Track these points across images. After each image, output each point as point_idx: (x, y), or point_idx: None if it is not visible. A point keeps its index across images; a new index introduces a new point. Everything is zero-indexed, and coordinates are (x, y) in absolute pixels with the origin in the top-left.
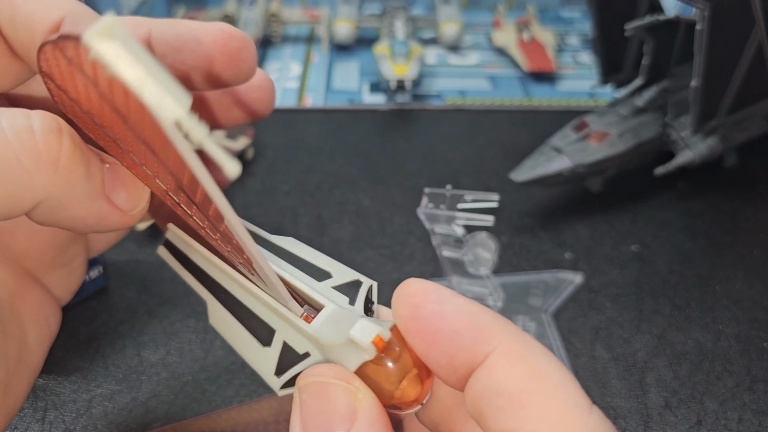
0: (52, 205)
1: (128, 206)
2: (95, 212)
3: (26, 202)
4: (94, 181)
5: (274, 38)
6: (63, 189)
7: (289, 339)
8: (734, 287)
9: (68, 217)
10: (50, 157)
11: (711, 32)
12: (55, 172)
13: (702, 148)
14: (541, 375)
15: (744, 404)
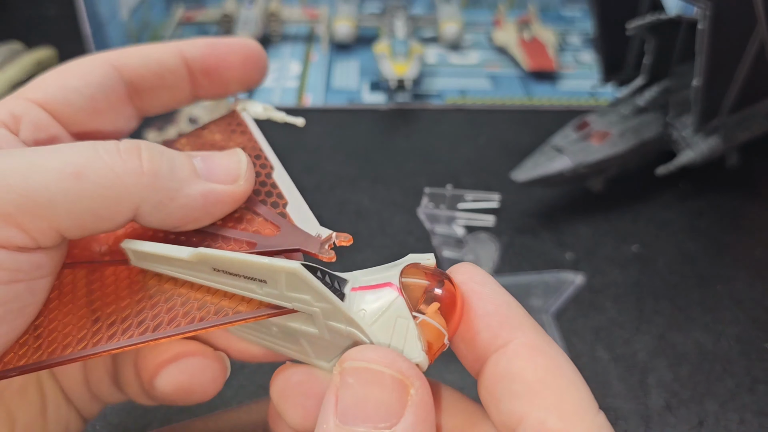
0: (153, 204)
1: (229, 179)
2: (198, 195)
3: (126, 206)
4: (183, 170)
5: (274, 37)
6: (154, 186)
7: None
8: (735, 287)
9: (175, 208)
10: (134, 165)
11: (713, 31)
12: (141, 175)
13: (703, 147)
14: (558, 371)
15: (745, 405)
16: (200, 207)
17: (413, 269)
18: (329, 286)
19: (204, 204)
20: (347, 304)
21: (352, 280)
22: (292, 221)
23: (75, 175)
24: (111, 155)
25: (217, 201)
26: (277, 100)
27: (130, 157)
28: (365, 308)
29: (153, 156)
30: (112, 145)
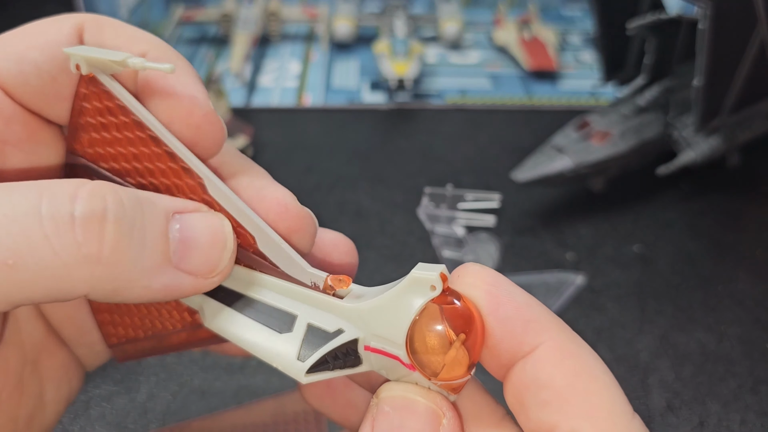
0: (105, 292)
1: (204, 269)
2: (160, 287)
3: (70, 295)
4: (152, 259)
5: (273, 37)
6: (111, 277)
7: (314, 320)
8: (737, 287)
9: (129, 297)
10: (90, 250)
11: (713, 31)
12: (98, 263)
13: (704, 147)
14: (588, 374)
15: (747, 406)
16: (158, 298)
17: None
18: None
19: (164, 296)
20: (366, 365)
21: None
22: (275, 266)
23: (9, 266)
24: (60, 237)
25: (179, 294)
26: (276, 100)
27: (87, 239)
28: (383, 369)
29: (120, 238)
30: (66, 213)
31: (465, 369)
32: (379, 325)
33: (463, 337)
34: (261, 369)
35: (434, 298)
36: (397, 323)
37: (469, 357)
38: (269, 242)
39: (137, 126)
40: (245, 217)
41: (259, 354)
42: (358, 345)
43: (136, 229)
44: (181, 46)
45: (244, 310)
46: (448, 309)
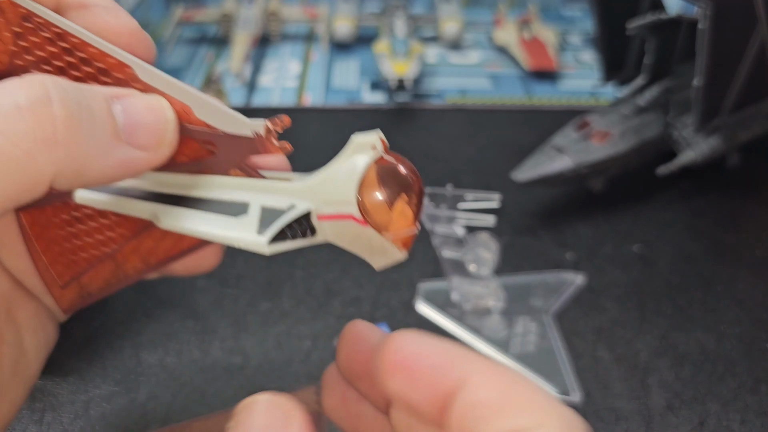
0: (69, 175)
1: (152, 143)
2: (117, 162)
3: (40, 184)
4: (103, 135)
5: (273, 36)
6: (70, 158)
7: (267, 203)
8: (737, 287)
9: (90, 179)
10: (45, 133)
11: (713, 31)
12: (55, 145)
13: (704, 147)
14: (515, 382)
15: (747, 405)
16: (116, 175)
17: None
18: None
19: (121, 173)
20: (320, 235)
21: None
22: (214, 128)
23: None
24: (13, 127)
25: (135, 169)
26: (276, 99)
27: (38, 123)
28: (338, 237)
29: (70, 114)
30: (11, 104)
31: (411, 221)
32: (330, 192)
33: (405, 197)
34: (261, 369)
35: (376, 159)
36: (346, 183)
37: (413, 211)
38: (204, 107)
39: (61, 37)
40: (179, 91)
41: (220, 239)
42: (312, 216)
43: (82, 108)
44: (181, 46)
45: (198, 206)
46: (389, 168)
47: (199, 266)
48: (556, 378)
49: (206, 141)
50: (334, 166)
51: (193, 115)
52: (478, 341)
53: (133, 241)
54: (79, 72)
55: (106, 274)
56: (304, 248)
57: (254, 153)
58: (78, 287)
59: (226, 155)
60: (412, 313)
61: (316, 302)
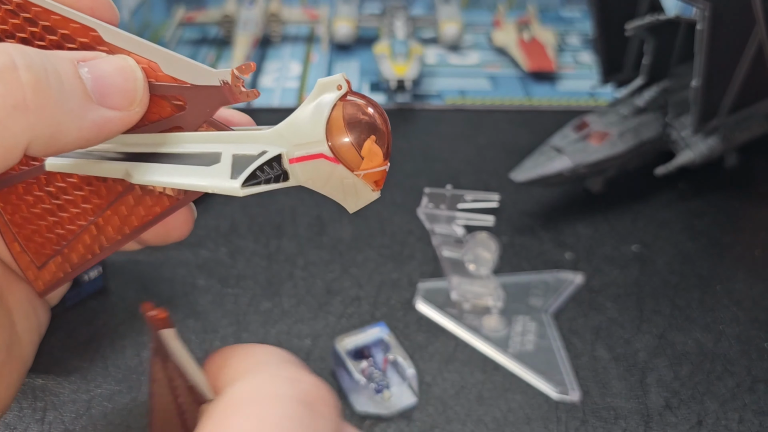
0: (44, 139)
1: (124, 103)
2: (91, 124)
3: (15, 149)
4: (74, 99)
5: (274, 38)
6: (44, 121)
7: (238, 151)
8: (735, 287)
9: (67, 142)
10: (16, 99)
11: (711, 32)
12: (27, 110)
13: (702, 148)
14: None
15: (745, 405)
16: (93, 137)
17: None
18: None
19: (97, 134)
20: (293, 179)
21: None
22: (182, 81)
23: None
24: None
25: (110, 130)
26: (277, 100)
27: (7, 90)
28: (312, 179)
29: (37, 79)
30: None
31: (381, 159)
32: (299, 134)
33: (374, 137)
34: None
35: (341, 97)
36: (314, 123)
37: (383, 149)
38: (171, 62)
39: (22, 8)
40: (146, 49)
41: (194, 186)
42: (283, 160)
43: (49, 72)
44: (183, 47)
45: (170, 161)
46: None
47: (170, 235)
48: (555, 377)
49: (175, 96)
50: (301, 108)
51: (161, 71)
52: (477, 340)
53: (107, 212)
54: (43, 42)
55: (82, 249)
56: (303, 248)
57: (224, 103)
58: (54, 266)
59: (195, 109)
60: (412, 313)
61: (316, 302)
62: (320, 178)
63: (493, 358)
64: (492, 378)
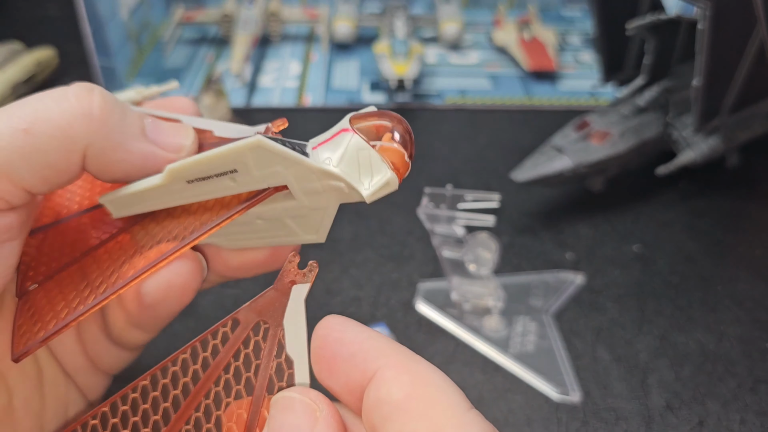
0: (98, 150)
1: (173, 146)
2: (139, 154)
3: (75, 152)
4: (132, 125)
5: (274, 37)
6: (101, 133)
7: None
8: (737, 288)
9: (117, 160)
10: (84, 109)
11: (713, 31)
12: (91, 119)
13: (704, 147)
14: (424, 383)
15: (746, 405)
16: (138, 166)
17: (361, 115)
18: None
19: (142, 164)
20: (313, 160)
21: (310, 143)
22: (227, 138)
23: (25, 131)
24: (59, 101)
25: (155, 166)
26: (276, 100)
27: (80, 101)
28: (330, 156)
29: (106, 102)
30: (61, 91)
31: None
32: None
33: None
34: None
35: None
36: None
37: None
38: (221, 128)
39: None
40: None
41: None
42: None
43: (117, 102)
44: (182, 47)
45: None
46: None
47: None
48: (556, 378)
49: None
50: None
51: (214, 136)
52: (477, 341)
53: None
54: None
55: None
56: (303, 248)
57: None
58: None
59: None
60: (412, 313)
61: (315, 302)
62: (337, 151)
63: (493, 358)
64: (492, 379)
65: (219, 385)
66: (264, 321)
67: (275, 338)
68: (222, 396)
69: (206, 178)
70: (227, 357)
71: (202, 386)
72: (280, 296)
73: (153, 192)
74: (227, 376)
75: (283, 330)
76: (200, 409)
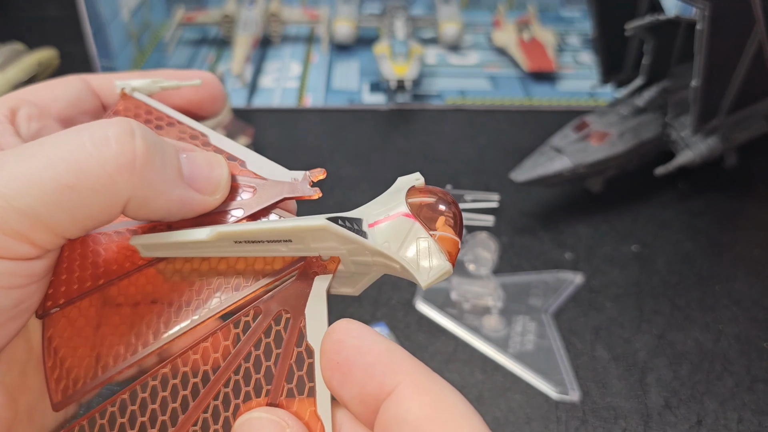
0: (138, 201)
1: (208, 190)
2: (177, 200)
3: (117, 205)
4: (170, 173)
5: (274, 38)
6: (143, 184)
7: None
8: (734, 287)
9: (155, 208)
10: (127, 158)
11: (711, 32)
12: (133, 172)
13: (702, 148)
14: (444, 405)
15: (744, 404)
16: (176, 211)
17: (415, 193)
18: (352, 230)
19: (180, 209)
20: (371, 240)
21: (365, 216)
22: (260, 176)
23: (69, 188)
24: (101, 148)
25: (192, 209)
26: (277, 100)
27: (122, 148)
28: (388, 241)
29: (147, 147)
30: (102, 133)
31: (453, 234)
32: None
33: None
34: None
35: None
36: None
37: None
38: (255, 161)
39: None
40: (235, 149)
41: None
42: (363, 224)
43: (157, 144)
44: (183, 48)
45: None
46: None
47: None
48: (555, 377)
49: (249, 185)
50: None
51: (245, 167)
52: (477, 340)
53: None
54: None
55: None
56: None
57: (290, 194)
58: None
59: (262, 196)
60: (412, 313)
61: None
62: (397, 238)
63: (493, 358)
64: (492, 378)
65: (239, 374)
66: (286, 311)
67: (296, 328)
68: (241, 385)
69: (257, 242)
70: (248, 346)
71: (221, 375)
72: (303, 286)
73: (194, 245)
74: (247, 365)
75: (305, 319)
76: (219, 398)
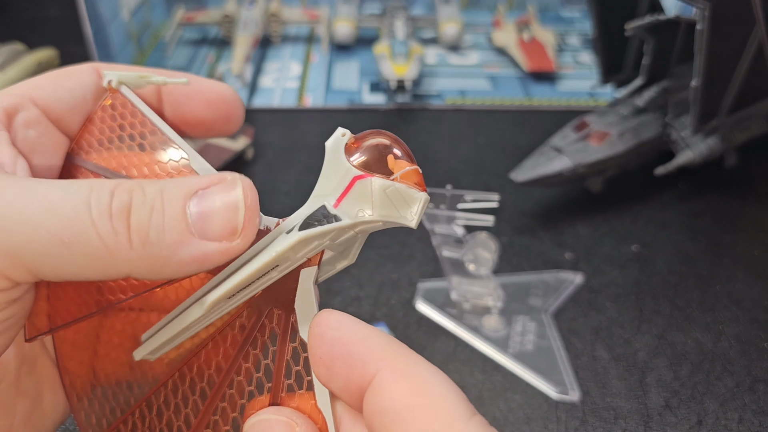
0: (143, 272)
1: (226, 232)
2: (190, 259)
3: (113, 276)
4: (174, 233)
5: (274, 38)
6: (143, 258)
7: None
8: (735, 287)
9: (167, 273)
10: (122, 238)
11: (711, 32)
12: (131, 249)
13: (702, 148)
14: (423, 390)
15: (744, 404)
16: (192, 270)
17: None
18: (325, 222)
19: (197, 267)
20: (346, 218)
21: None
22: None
23: (63, 244)
24: (102, 222)
25: (210, 262)
26: (277, 100)
27: (120, 229)
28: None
29: (141, 222)
30: (107, 205)
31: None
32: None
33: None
34: None
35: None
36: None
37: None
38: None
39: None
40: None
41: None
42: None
43: (155, 213)
44: (183, 48)
45: None
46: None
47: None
48: (555, 377)
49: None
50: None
51: None
52: (477, 340)
53: None
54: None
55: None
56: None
57: None
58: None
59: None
60: (412, 313)
61: None
62: (366, 200)
63: (493, 358)
64: (492, 378)
65: (240, 374)
66: (276, 307)
67: (288, 323)
68: (244, 385)
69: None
70: (246, 346)
71: (225, 377)
72: (290, 282)
73: (194, 324)
74: (247, 365)
75: (296, 314)
76: (225, 400)
